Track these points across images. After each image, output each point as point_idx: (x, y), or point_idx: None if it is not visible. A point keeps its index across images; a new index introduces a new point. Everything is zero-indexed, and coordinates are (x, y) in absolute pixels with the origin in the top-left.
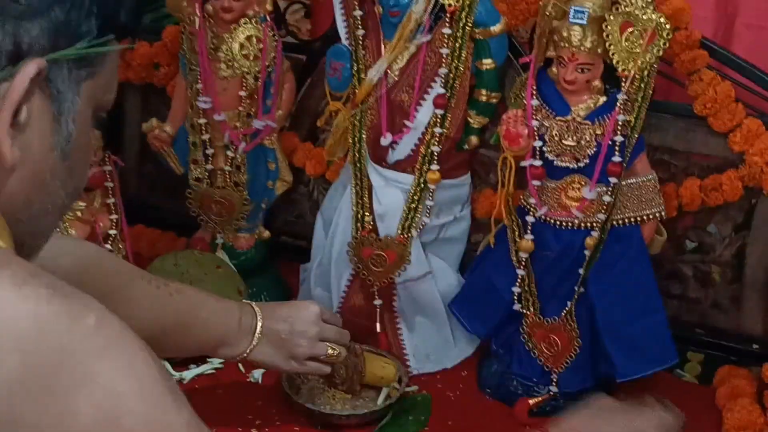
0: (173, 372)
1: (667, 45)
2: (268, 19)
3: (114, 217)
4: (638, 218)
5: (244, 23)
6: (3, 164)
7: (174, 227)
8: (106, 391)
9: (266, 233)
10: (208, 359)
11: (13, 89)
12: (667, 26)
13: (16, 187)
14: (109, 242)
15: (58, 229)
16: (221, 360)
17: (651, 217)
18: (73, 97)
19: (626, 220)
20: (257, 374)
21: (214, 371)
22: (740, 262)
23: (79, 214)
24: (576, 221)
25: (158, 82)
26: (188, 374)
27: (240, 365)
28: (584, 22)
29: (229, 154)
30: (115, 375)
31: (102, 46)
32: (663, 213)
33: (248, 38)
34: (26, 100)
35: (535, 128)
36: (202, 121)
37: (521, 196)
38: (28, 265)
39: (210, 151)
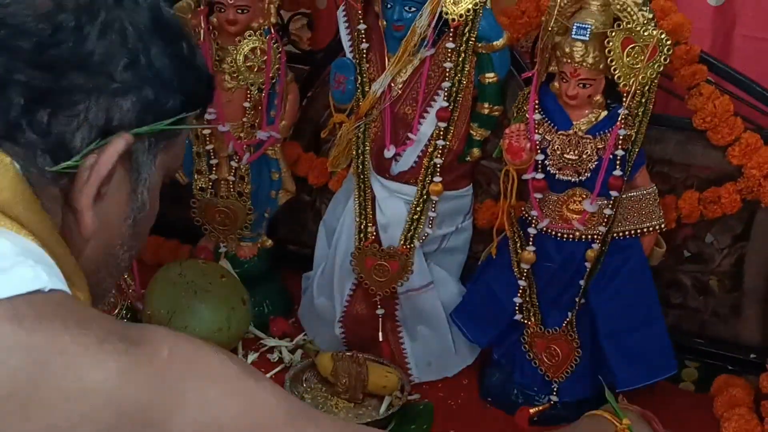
0: None
1: (668, 61)
2: (273, 31)
3: None
4: (638, 231)
5: (249, 35)
6: (84, 235)
7: (177, 235)
8: (197, 407)
9: (269, 242)
10: None
11: (102, 163)
12: (668, 42)
13: (89, 254)
14: None
15: None
16: None
17: (651, 229)
18: (150, 168)
19: (627, 233)
20: None
21: None
22: (739, 272)
23: None
24: (577, 233)
25: None
26: None
27: None
28: (587, 38)
29: (233, 164)
30: (200, 389)
31: (181, 120)
32: (663, 225)
33: (252, 50)
34: (112, 173)
35: (537, 142)
36: (206, 132)
37: (523, 208)
38: (106, 318)
39: (214, 162)
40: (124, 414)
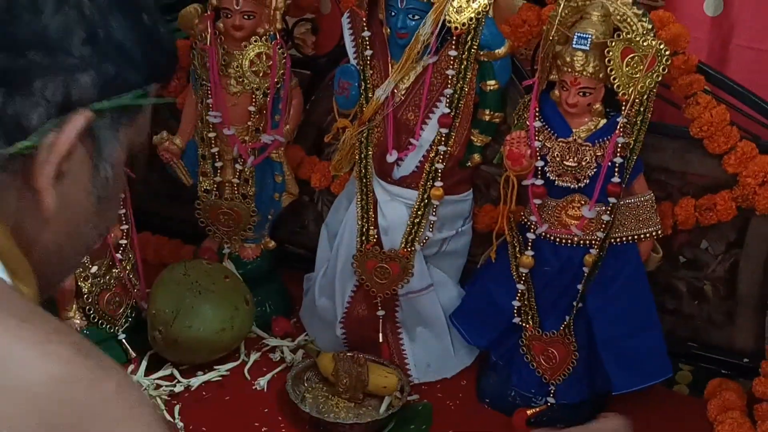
0: (181, 379)
1: (666, 71)
2: (278, 37)
3: (125, 227)
4: (636, 236)
5: (255, 41)
6: (45, 214)
7: (180, 235)
8: None
9: (272, 243)
10: (215, 367)
11: (61, 141)
12: (667, 53)
13: (51, 235)
14: (120, 251)
15: None
16: (227, 368)
17: (648, 235)
18: (113, 143)
19: (624, 239)
20: (263, 382)
21: (220, 378)
22: (733, 279)
23: None
24: (575, 239)
25: (168, 95)
26: (195, 381)
27: (246, 373)
28: (587, 48)
29: (238, 167)
30: None
31: (144, 94)
32: (660, 232)
33: (258, 55)
34: (72, 151)
35: (537, 149)
36: (212, 134)
37: (522, 213)
38: (53, 319)
39: (219, 164)
40: (46, 430)
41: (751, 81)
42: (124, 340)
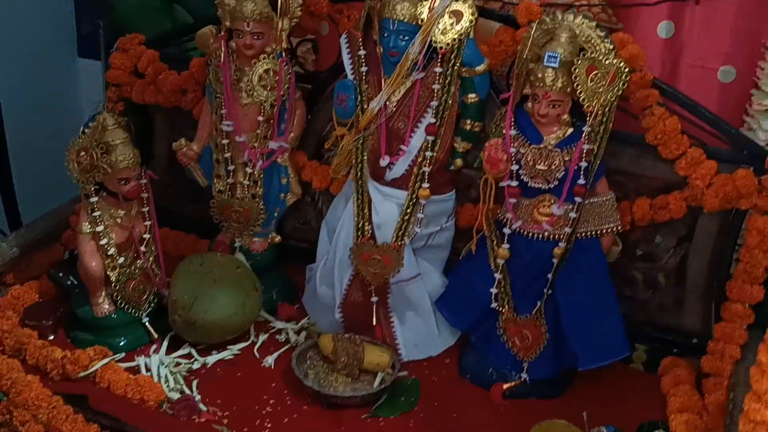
0: (198, 357)
1: (626, 86)
2: (284, 55)
3: (148, 223)
4: (598, 231)
5: (263, 58)
6: None
7: (195, 230)
8: None
9: (278, 238)
10: (228, 346)
11: None
12: (626, 70)
13: None
14: (143, 245)
15: (101, 233)
16: (239, 347)
17: (609, 230)
18: None
19: (588, 233)
20: (270, 360)
21: (232, 356)
22: (683, 269)
23: (119, 220)
24: (546, 233)
25: (185, 106)
26: (211, 359)
27: (256, 352)
28: (556, 66)
29: (248, 170)
30: None
31: None
32: (619, 228)
33: (266, 71)
34: None
35: (513, 154)
36: (225, 141)
37: (499, 211)
38: None
39: (231, 168)
40: None
41: (698, 94)
42: (147, 323)
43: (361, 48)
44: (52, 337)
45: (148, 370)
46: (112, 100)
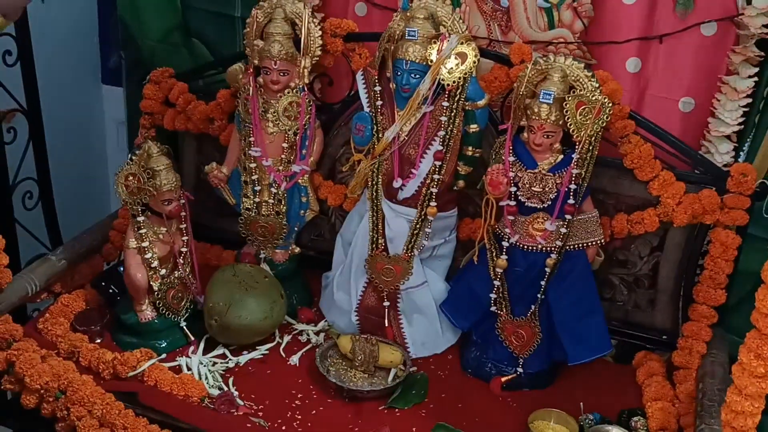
0: (231, 357)
1: (609, 118)
2: (305, 89)
3: (185, 238)
4: (585, 244)
5: (287, 92)
6: None
7: (220, 242)
8: None
9: (297, 249)
10: (257, 347)
11: None
12: (610, 105)
13: None
14: (181, 257)
15: (145, 248)
16: (267, 348)
17: (594, 243)
18: None
19: (576, 246)
20: (295, 359)
21: (262, 356)
22: (655, 275)
23: (161, 236)
24: (539, 246)
25: (213, 133)
26: (243, 359)
27: (282, 351)
28: (550, 102)
29: (273, 190)
30: None
31: None
32: (602, 241)
33: (290, 103)
34: None
35: (512, 178)
36: (253, 165)
37: (498, 226)
38: None
39: (258, 188)
40: None
41: (662, 122)
42: (185, 327)
43: (377, 84)
44: (99, 341)
45: (189, 369)
46: (145, 127)
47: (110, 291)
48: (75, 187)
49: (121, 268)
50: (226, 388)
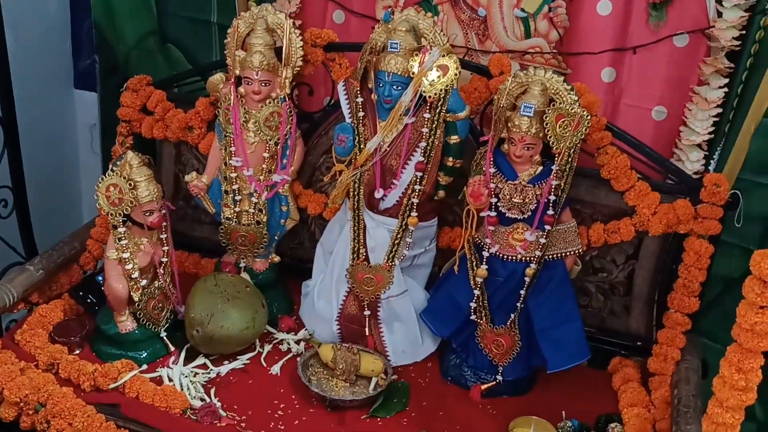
0: (213, 367)
1: (588, 131)
2: (287, 99)
3: (165, 248)
4: (563, 254)
5: (269, 102)
6: None
7: (198, 250)
8: None
9: (277, 258)
10: (238, 357)
11: None
12: (589, 117)
13: None
14: (161, 267)
15: (126, 259)
16: (248, 357)
17: (572, 253)
18: None
19: (555, 255)
20: (276, 368)
21: (243, 366)
22: (630, 282)
23: (142, 247)
24: (519, 256)
25: (191, 141)
26: (223, 369)
27: (263, 361)
28: (531, 115)
29: (254, 199)
30: None
31: None
32: (581, 250)
33: (271, 113)
34: None
35: (492, 189)
36: (233, 175)
37: (478, 236)
38: None
39: (238, 198)
40: None
41: (635, 130)
42: (165, 337)
43: (359, 95)
44: (78, 351)
45: (170, 380)
46: (123, 135)
47: (88, 300)
48: (46, 192)
49: (99, 277)
50: (208, 399)
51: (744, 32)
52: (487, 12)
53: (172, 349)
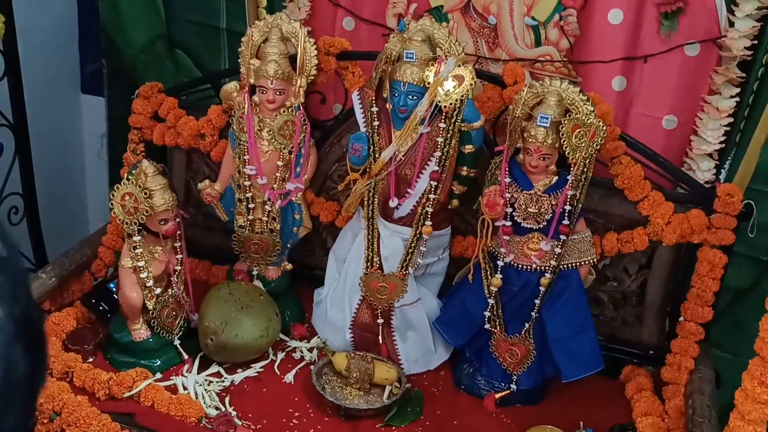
0: (226, 375)
1: (603, 141)
2: (301, 108)
3: (179, 256)
4: (578, 263)
5: (283, 111)
6: None
7: (209, 257)
8: None
9: (289, 266)
10: (251, 365)
11: None
12: (604, 128)
13: None
14: (175, 275)
15: (141, 267)
16: (261, 365)
17: (586, 262)
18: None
19: (569, 265)
20: (290, 376)
21: (257, 374)
22: (643, 292)
23: (156, 255)
24: (534, 265)
25: (203, 149)
26: (237, 377)
27: (276, 369)
28: (547, 125)
29: (267, 207)
30: None
31: None
32: (595, 260)
33: (285, 122)
34: None
35: (507, 199)
36: (247, 183)
37: (492, 246)
38: None
39: (252, 206)
40: None
41: (646, 139)
42: (178, 345)
43: (374, 104)
44: (91, 360)
45: (185, 388)
46: (134, 142)
47: (101, 308)
48: (54, 198)
49: (111, 284)
50: (223, 408)
51: (756, 42)
52: (498, 20)
53: (186, 357)
